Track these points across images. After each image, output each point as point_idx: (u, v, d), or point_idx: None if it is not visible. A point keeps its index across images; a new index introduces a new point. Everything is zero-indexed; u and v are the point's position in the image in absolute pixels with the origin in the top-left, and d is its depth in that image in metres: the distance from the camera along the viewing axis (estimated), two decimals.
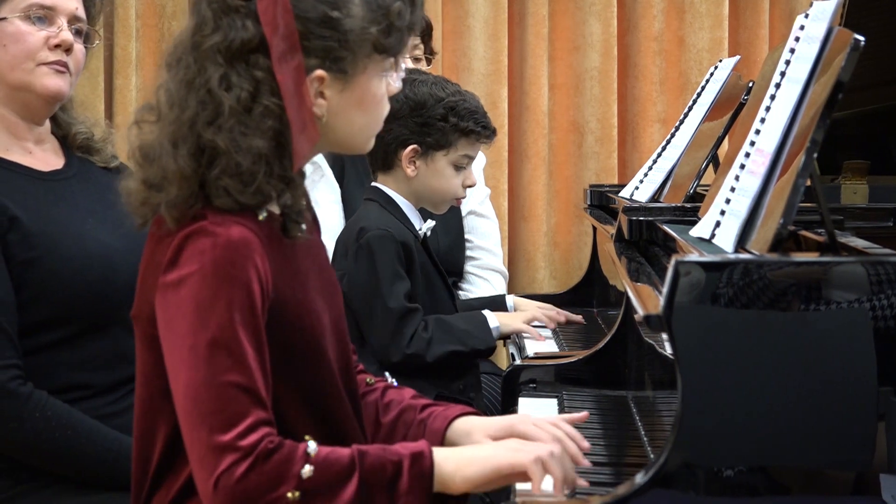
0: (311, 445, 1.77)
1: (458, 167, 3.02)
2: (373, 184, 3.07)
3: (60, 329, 2.40)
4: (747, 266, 1.74)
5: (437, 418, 2.02)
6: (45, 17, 2.45)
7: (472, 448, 1.91)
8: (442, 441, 1.98)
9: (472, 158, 3.05)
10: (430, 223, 3.10)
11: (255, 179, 1.79)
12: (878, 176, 3.25)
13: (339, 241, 3.07)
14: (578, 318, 3.32)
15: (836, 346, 1.74)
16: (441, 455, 1.83)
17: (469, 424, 1.99)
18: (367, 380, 2.10)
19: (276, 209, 1.85)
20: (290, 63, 1.80)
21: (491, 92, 4.29)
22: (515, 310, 3.34)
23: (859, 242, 1.95)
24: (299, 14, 1.80)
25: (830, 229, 1.87)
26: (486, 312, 3.13)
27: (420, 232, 3.04)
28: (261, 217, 1.82)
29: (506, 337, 3.20)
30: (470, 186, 3.08)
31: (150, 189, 1.83)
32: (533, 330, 3.20)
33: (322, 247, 2.03)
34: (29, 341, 2.37)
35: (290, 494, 1.74)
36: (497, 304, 3.36)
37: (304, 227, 1.88)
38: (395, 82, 1.92)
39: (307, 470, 1.75)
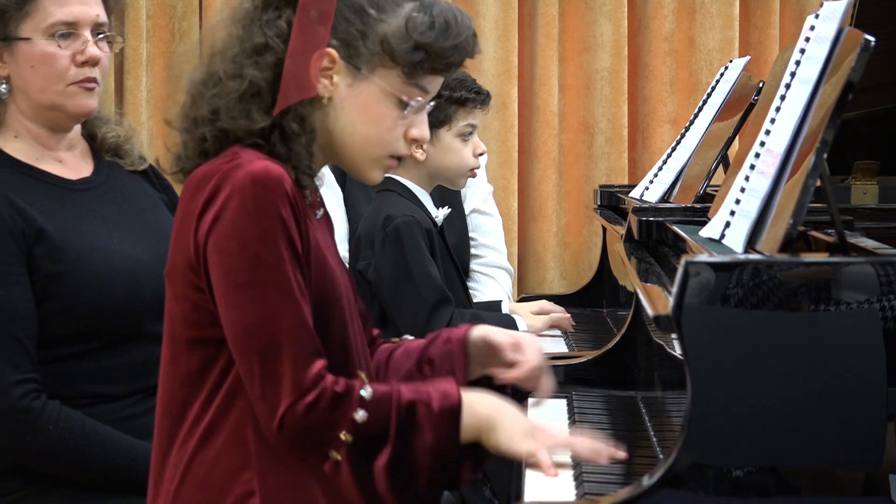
0: (367, 390, 1.84)
1: (464, 138, 3.02)
2: (385, 175, 3.06)
3: (83, 343, 2.40)
4: (757, 266, 1.74)
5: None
6: (68, 33, 2.43)
7: (500, 413, 1.93)
8: (465, 349, 2.06)
9: (475, 127, 3.05)
10: (446, 209, 3.10)
11: (245, 104, 1.87)
12: (888, 176, 3.25)
13: (364, 233, 3.06)
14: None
15: (846, 347, 1.73)
16: (469, 399, 1.90)
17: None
18: (392, 338, 2.17)
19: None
20: (313, 26, 1.87)
21: (501, 92, 4.29)
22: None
23: (869, 243, 1.95)
24: None
25: (840, 230, 1.87)
26: (515, 315, 3.13)
27: (436, 218, 3.04)
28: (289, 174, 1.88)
29: None
30: (481, 154, 3.08)
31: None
32: (559, 320, 3.22)
33: (333, 237, 2.05)
34: (50, 352, 2.37)
35: (343, 436, 1.82)
36: (493, 309, 3.35)
37: (316, 183, 1.95)
38: (416, 127, 1.95)
39: (361, 415, 1.83)
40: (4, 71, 2.44)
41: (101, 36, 2.48)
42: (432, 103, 1.98)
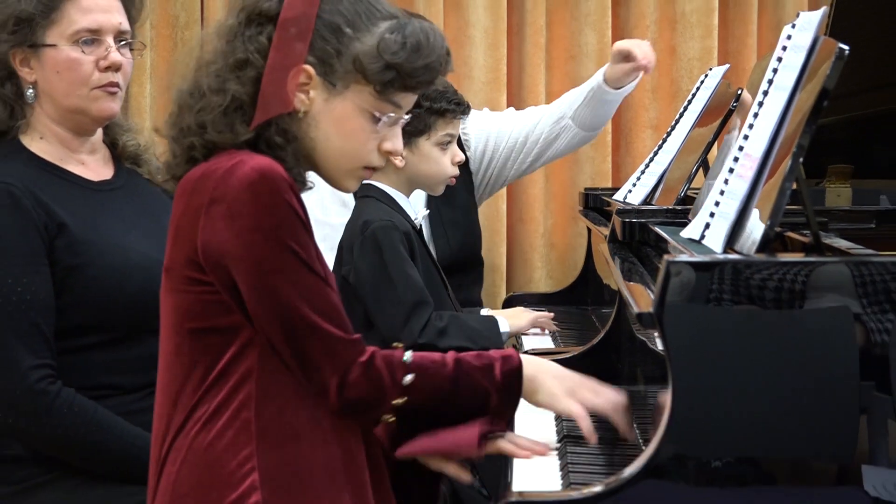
0: (408, 354, 1.90)
1: (443, 146, 3.01)
2: (364, 181, 3.04)
3: (98, 334, 2.41)
4: (735, 266, 1.74)
5: None
6: (92, 40, 2.45)
7: (543, 375, 2.01)
8: None
9: (453, 136, 3.03)
10: (425, 212, 3.09)
11: (229, 118, 1.88)
12: (860, 179, 3.26)
13: (345, 239, 3.05)
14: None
15: (820, 343, 1.74)
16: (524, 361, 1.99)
17: None
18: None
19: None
20: (291, 43, 1.88)
21: (490, 99, 4.28)
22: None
23: (843, 243, 1.95)
24: (321, 13, 1.89)
25: (815, 231, 1.87)
26: (497, 316, 3.11)
27: (416, 221, 3.03)
28: None
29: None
30: (459, 163, 3.07)
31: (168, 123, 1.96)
32: (540, 320, 3.20)
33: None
34: (66, 343, 2.39)
35: (395, 401, 1.88)
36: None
37: (308, 186, 1.97)
38: (389, 140, 1.97)
39: (409, 378, 1.88)
40: (32, 76, 2.47)
41: (123, 42, 2.51)
42: (407, 117, 1.98)
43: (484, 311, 3.28)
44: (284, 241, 1.81)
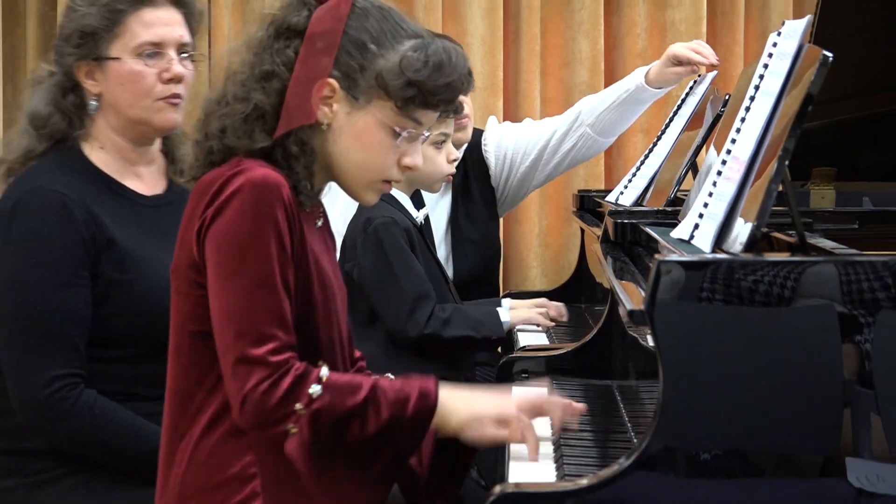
0: (324, 371, 1.84)
1: (438, 146, 3.00)
2: None
3: (131, 347, 2.40)
4: (724, 265, 1.74)
5: None
6: (154, 52, 2.44)
7: (471, 398, 1.94)
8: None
9: (448, 135, 3.02)
10: (425, 210, 3.08)
11: (249, 125, 1.88)
12: (844, 182, 3.25)
13: (347, 237, 3.05)
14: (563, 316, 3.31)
15: (805, 339, 1.73)
16: (444, 395, 1.89)
17: None
18: None
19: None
20: (317, 57, 1.88)
21: (487, 105, 4.28)
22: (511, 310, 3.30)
23: (827, 243, 1.95)
24: (347, 29, 1.88)
25: (801, 231, 1.87)
26: (503, 304, 3.11)
27: (417, 219, 3.03)
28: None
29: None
30: (454, 161, 3.05)
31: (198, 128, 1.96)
32: (539, 318, 3.19)
33: (332, 247, 2.04)
34: (100, 351, 2.38)
35: (297, 408, 1.81)
36: (492, 304, 3.32)
37: (316, 204, 1.95)
38: (409, 155, 1.94)
39: (315, 389, 1.82)
40: (96, 88, 2.46)
41: (184, 54, 2.49)
42: (427, 133, 1.97)
43: (505, 302, 3.27)
44: (249, 249, 1.80)
